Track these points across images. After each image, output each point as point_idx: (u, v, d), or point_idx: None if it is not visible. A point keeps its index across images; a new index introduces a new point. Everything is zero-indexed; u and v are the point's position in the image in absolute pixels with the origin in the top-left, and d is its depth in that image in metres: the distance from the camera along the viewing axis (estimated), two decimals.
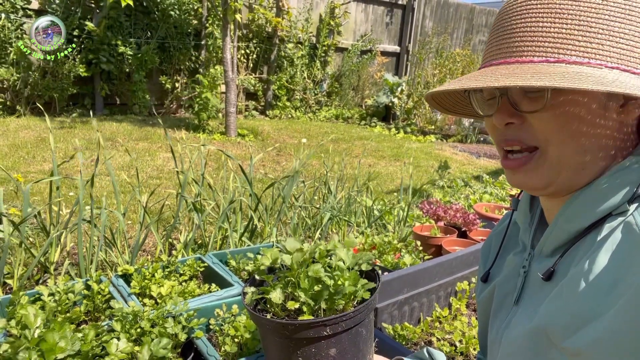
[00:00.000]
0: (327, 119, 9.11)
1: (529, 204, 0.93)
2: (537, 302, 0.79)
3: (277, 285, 1.04)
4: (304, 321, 0.93)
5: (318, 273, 1.01)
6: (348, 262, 1.07)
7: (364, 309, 0.97)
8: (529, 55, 0.68)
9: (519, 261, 0.90)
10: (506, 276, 0.93)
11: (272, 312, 1.04)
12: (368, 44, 9.88)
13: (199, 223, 2.49)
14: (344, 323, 0.94)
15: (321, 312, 0.99)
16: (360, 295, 1.00)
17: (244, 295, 1.08)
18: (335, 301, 1.00)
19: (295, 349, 0.94)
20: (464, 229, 2.93)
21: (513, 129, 0.73)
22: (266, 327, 0.98)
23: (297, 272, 1.05)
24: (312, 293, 1.00)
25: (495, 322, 0.92)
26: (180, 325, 1.46)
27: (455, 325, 1.78)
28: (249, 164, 3.03)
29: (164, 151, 5.23)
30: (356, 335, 0.98)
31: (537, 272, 0.80)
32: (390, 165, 5.75)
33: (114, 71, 7.04)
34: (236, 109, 6.66)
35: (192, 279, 1.95)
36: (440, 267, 1.94)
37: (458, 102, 0.95)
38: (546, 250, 0.82)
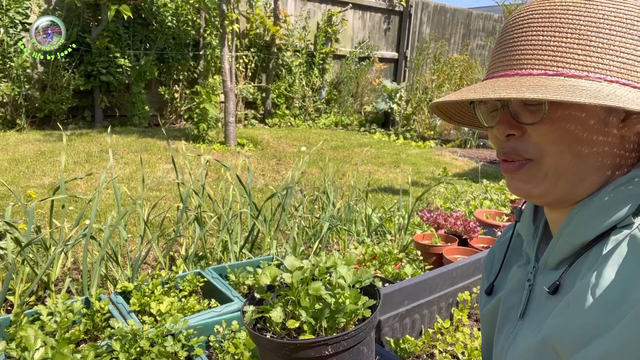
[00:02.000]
0: (327, 126, 9.13)
1: (532, 215, 0.92)
2: (542, 316, 0.79)
3: (277, 304, 1.04)
4: (306, 341, 0.92)
5: (319, 291, 1.01)
6: (349, 280, 1.06)
7: (365, 327, 0.97)
8: (528, 67, 0.69)
9: (523, 274, 0.89)
10: (511, 289, 0.92)
11: (272, 331, 1.04)
12: (366, 50, 9.91)
13: (200, 235, 2.49)
14: (345, 342, 0.93)
15: (322, 330, 0.99)
16: (361, 313, 1.00)
17: (243, 314, 1.07)
18: (336, 319, 1.00)
19: None
20: (464, 236, 2.92)
21: (512, 141, 0.74)
22: (266, 346, 0.97)
23: (297, 290, 1.04)
24: (313, 311, 1.00)
25: (501, 336, 0.91)
26: (179, 343, 1.46)
27: (457, 337, 1.77)
28: (247, 174, 3.04)
29: (164, 162, 5.24)
30: (357, 354, 0.97)
31: (543, 286, 0.80)
32: (390, 172, 5.75)
33: (113, 83, 7.07)
34: (235, 119, 6.67)
35: (191, 294, 1.95)
36: (441, 277, 1.93)
37: (463, 112, 0.95)
38: (551, 263, 0.81)
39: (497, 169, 6.49)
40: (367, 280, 1.09)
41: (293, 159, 5.78)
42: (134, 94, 7.24)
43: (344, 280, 1.07)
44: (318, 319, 0.99)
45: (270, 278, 1.09)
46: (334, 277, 1.08)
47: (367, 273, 1.10)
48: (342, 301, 1.02)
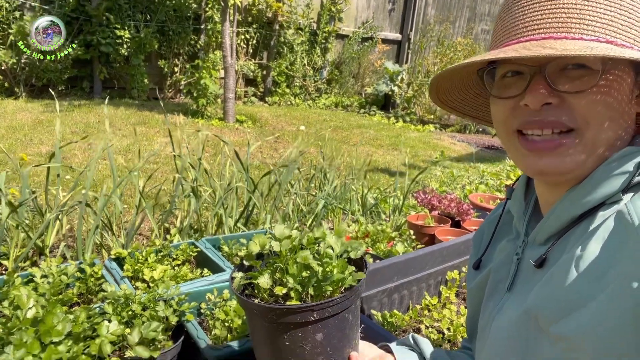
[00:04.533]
0: (326, 106, 9.09)
1: (524, 192, 0.93)
2: (528, 288, 0.81)
3: (265, 271, 1.06)
4: (292, 306, 0.94)
5: (307, 259, 1.03)
6: (337, 250, 1.08)
7: (351, 295, 0.99)
8: (577, 32, 0.68)
9: (512, 248, 0.91)
10: (499, 263, 0.94)
11: (260, 298, 1.06)
12: (369, 31, 9.80)
13: (196, 208, 2.51)
14: (330, 309, 0.95)
15: (309, 298, 1.01)
16: (347, 282, 1.02)
17: (232, 280, 1.09)
18: (322, 287, 1.02)
19: (282, 334, 0.96)
20: (457, 218, 2.95)
21: (550, 110, 0.71)
22: (253, 311, 0.99)
23: (285, 258, 1.06)
24: (300, 279, 1.02)
25: (487, 308, 0.93)
26: (171, 308, 1.48)
27: (444, 314, 1.80)
28: (247, 150, 3.04)
29: (162, 136, 5.23)
30: (343, 321, 0.99)
31: (530, 260, 0.81)
32: (387, 154, 5.76)
33: (113, 54, 7.00)
34: (235, 95, 6.64)
35: (184, 263, 1.97)
36: (431, 255, 1.95)
37: (466, 100, 0.95)
38: (540, 238, 0.83)
39: (495, 154, 6.50)
40: (355, 250, 1.11)
41: (291, 137, 5.77)
42: (133, 66, 7.18)
43: (332, 250, 1.09)
44: (305, 286, 1.01)
45: (260, 246, 1.11)
46: (322, 247, 1.09)
47: (355, 243, 1.11)
48: (330, 270, 1.04)
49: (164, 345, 1.49)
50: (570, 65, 0.69)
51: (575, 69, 0.69)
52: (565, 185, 0.78)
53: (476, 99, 0.96)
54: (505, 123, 0.79)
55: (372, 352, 1.10)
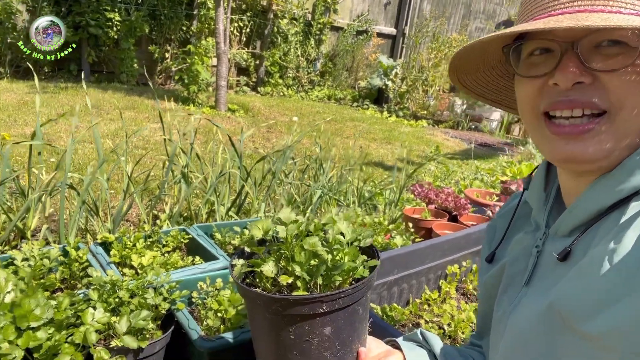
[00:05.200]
0: (319, 99, 8.99)
1: (543, 183, 0.88)
2: (550, 283, 0.75)
3: (270, 259, 0.98)
4: (300, 297, 0.86)
5: (315, 246, 0.94)
6: (348, 237, 1.00)
7: (363, 286, 0.91)
8: (615, 6, 0.64)
9: (531, 241, 0.86)
10: (516, 256, 0.89)
11: (262, 287, 0.98)
12: (364, 24, 9.71)
13: (186, 194, 2.41)
14: (341, 300, 0.87)
15: (317, 288, 0.93)
16: (359, 273, 0.94)
17: (232, 268, 1.00)
18: (332, 277, 0.94)
19: (287, 327, 0.88)
20: (454, 213, 2.89)
21: (582, 90, 0.66)
22: (256, 302, 0.91)
23: (291, 244, 0.98)
24: (308, 268, 0.93)
25: (503, 302, 0.88)
26: (161, 296, 1.39)
27: (445, 309, 1.74)
28: (239, 138, 2.94)
29: (151, 121, 5.10)
30: (353, 314, 0.92)
31: (553, 252, 0.76)
32: (381, 148, 5.69)
33: (102, 37, 6.82)
34: (227, 83, 6.51)
35: (175, 250, 1.88)
36: (432, 249, 1.89)
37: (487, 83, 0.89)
38: (563, 230, 0.78)
39: (488, 151, 6.48)
40: (366, 239, 1.03)
41: (284, 127, 5.68)
42: (123, 50, 7.00)
43: (342, 236, 1.01)
44: (313, 275, 0.93)
45: (263, 231, 1.02)
46: (331, 234, 1.01)
47: (366, 231, 1.04)
48: (340, 258, 0.96)
49: (152, 335, 1.40)
50: (605, 41, 0.65)
51: (610, 45, 0.65)
52: (590, 175, 0.73)
53: (497, 81, 0.91)
54: (531, 105, 0.73)
55: (379, 348, 1.04)
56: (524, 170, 3.77)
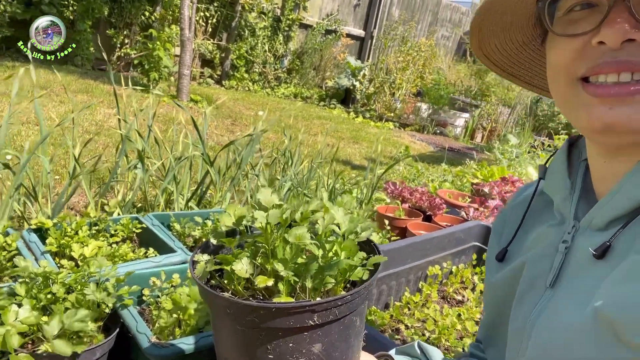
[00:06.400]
0: (286, 96, 8.78)
1: (567, 170, 0.76)
2: (588, 284, 0.64)
3: (243, 254, 0.77)
4: (285, 305, 0.65)
5: (302, 239, 0.75)
6: (345, 228, 0.81)
7: (364, 291, 0.72)
8: None
9: (556, 236, 0.73)
10: (538, 253, 0.76)
11: (232, 291, 0.77)
12: (333, 24, 9.59)
13: (142, 182, 2.16)
14: (337, 310, 0.67)
15: (306, 293, 0.74)
16: (357, 274, 0.75)
17: (194, 265, 0.79)
18: (323, 280, 0.74)
19: (265, 344, 0.67)
20: (428, 213, 2.78)
21: (632, 49, 0.57)
22: (225, 310, 0.69)
23: (272, 236, 0.78)
24: (295, 266, 0.74)
25: (521, 309, 0.75)
26: (104, 293, 1.17)
27: (427, 313, 1.59)
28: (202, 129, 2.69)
29: (106, 107, 4.75)
30: (349, 327, 0.72)
31: (588, 248, 0.64)
32: (348, 147, 5.56)
33: (56, 16, 6.35)
34: (190, 74, 6.20)
35: (125, 241, 1.64)
36: (413, 248, 1.74)
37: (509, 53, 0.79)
38: (598, 223, 0.66)
39: (454, 156, 6.47)
40: (365, 231, 0.84)
41: (250, 121, 5.44)
42: (78, 31, 6.56)
43: (337, 227, 0.82)
44: (301, 276, 0.73)
45: (235, 218, 0.82)
46: (320, 225, 0.82)
47: (365, 222, 0.85)
48: (335, 254, 0.77)
49: (92, 338, 1.17)
50: None
51: None
52: (631, 154, 0.62)
53: (521, 52, 0.80)
54: (567, 70, 0.63)
55: None
56: (496, 173, 3.72)
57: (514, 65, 0.82)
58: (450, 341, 1.50)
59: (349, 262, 0.73)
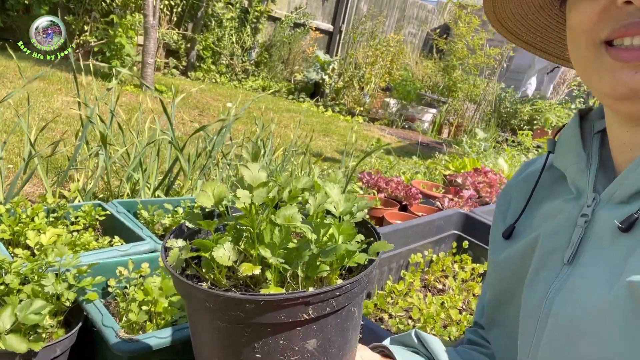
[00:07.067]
0: (254, 89, 8.62)
1: (581, 142, 0.72)
2: (612, 259, 0.60)
3: (224, 238, 0.68)
4: (274, 297, 0.56)
5: (293, 220, 0.65)
6: (341, 208, 0.72)
7: (364, 280, 0.64)
8: None
9: (573, 210, 0.69)
10: (553, 229, 0.71)
11: (211, 281, 0.67)
12: (302, 17, 9.48)
13: (105, 166, 2.01)
14: (335, 301, 0.59)
15: (298, 283, 0.65)
16: (355, 259, 0.66)
17: (167, 252, 0.69)
18: (318, 267, 0.65)
19: (252, 342, 0.57)
20: (404, 202, 2.74)
21: None
22: (204, 304, 0.58)
23: (257, 218, 0.68)
24: (284, 252, 0.64)
25: (536, 286, 0.70)
26: (65, 283, 1.04)
27: (411, 302, 1.53)
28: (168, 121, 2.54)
29: (64, 94, 4.49)
30: (347, 319, 0.64)
31: (614, 220, 0.60)
32: (319, 140, 5.49)
33: (10, 0, 5.99)
34: (154, 63, 5.97)
35: (87, 229, 1.51)
36: (395, 235, 1.68)
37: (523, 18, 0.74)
38: (621, 195, 0.63)
39: (424, 150, 6.50)
40: (362, 210, 0.76)
41: (217, 112, 5.28)
42: (34, 17, 6.19)
43: (333, 207, 0.73)
44: (292, 263, 0.64)
45: (215, 198, 0.71)
46: (312, 204, 0.73)
47: (363, 200, 0.77)
48: (331, 238, 0.69)
49: (51, 334, 1.05)
50: None
51: None
52: None
53: (537, 16, 0.76)
54: (589, 32, 0.60)
55: (372, 358, 0.79)
56: (468, 164, 3.73)
57: (529, 32, 0.78)
58: (436, 329, 1.45)
59: (347, 246, 0.64)
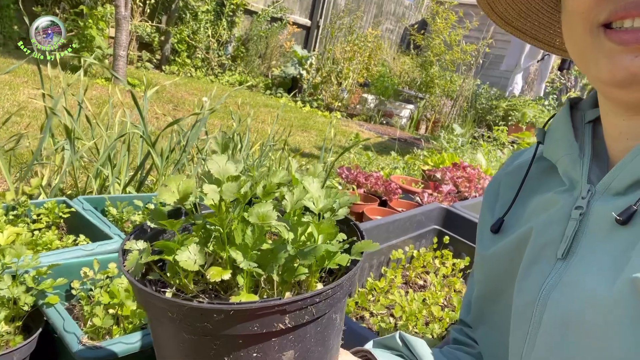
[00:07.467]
0: (230, 84, 8.48)
1: (572, 132, 0.70)
2: (610, 254, 0.57)
3: (190, 239, 0.61)
4: (246, 305, 0.49)
5: (267, 219, 0.59)
6: (321, 204, 0.66)
7: (347, 283, 0.58)
8: None
9: (567, 201, 0.66)
10: (545, 221, 0.68)
11: (177, 287, 0.60)
12: (279, 11, 9.37)
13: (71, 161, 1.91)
14: (314, 308, 0.53)
15: (274, 287, 0.59)
16: (336, 261, 0.60)
17: (125, 255, 0.62)
18: (296, 270, 0.59)
19: (221, 354, 0.50)
20: (384, 198, 2.70)
21: None
22: (167, 314, 0.52)
23: (228, 216, 0.62)
24: (257, 254, 0.58)
25: (529, 281, 0.67)
26: (23, 286, 0.96)
27: (393, 299, 1.49)
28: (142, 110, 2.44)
29: (30, 87, 4.31)
30: (328, 327, 0.58)
31: (612, 213, 0.58)
32: (297, 135, 5.43)
33: None
34: (127, 55, 5.79)
35: (51, 227, 1.41)
36: (377, 230, 1.64)
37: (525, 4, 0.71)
38: (617, 186, 0.60)
39: (402, 145, 6.51)
40: (344, 206, 0.70)
41: (192, 106, 5.16)
42: (1, 7, 5.95)
43: (312, 204, 0.67)
44: (265, 267, 0.58)
45: (180, 194, 0.65)
46: (289, 200, 0.67)
47: (344, 195, 0.71)
48: (310, 236, 0.63)
49: (7, 341, 0.97)
50: None
51: None
52: None
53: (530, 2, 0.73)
54: (587, 14, 0.57)
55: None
56: (447, 159, 3.72)
57: (520, 17, 0.75)
58: (418, 327, 1.41)
59: (327, 247, 0.58)
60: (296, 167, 0.76)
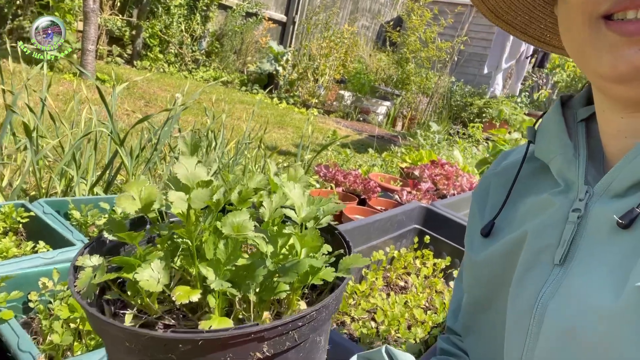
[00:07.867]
0: (205, 80, 8.31)
1: (565, 131, 0.66)
2: (611, 259, 0.55)
3: (153, 254, 0.54)
4: (218, 334, 0.43)
5: (243, 229, 0.53)
6: (304, 213, 0.61)
7: (333, 303, 0.52)
8: None
9: (563, 204, 0.62)
10: (541, 225, 0.64)
11: (138, 307, 0.53)
12: (254, 6, 9.23)
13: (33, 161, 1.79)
14: (296, 333, 0.47)
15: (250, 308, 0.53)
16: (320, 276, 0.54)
17: (76, 272, 0.55)
18: (276, 287, 0.53)
19: None
20: (363, 196, 2.66)
21: None
22: (124, 343, 0.45)
23: (197, 227, 0.55)
24: (231, 271, 0.52)
25: (524, 288, 0.64)
26: None
27: (374, 302, 1.44)
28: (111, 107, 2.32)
29: None
30: (311, 351, 0.52)
31: (613, 216, 0.55)
32: (274, 132, 5.34)
33: None
34: (96, 49, 5.59)
35: (7, 234, 1.31)
36: (358, 231, 1.58)
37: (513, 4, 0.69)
38: (616, 188, 0.57)
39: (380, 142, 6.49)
40: (327, 215, 0.65)
41: (165, 103, 5.02)
42: None
43: (293, 212, 0.61)
44: (240, 286, 0.51)
45: (142, 202, 0.57)
46: (267, 208, 0.60)
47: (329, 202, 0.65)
48: (291, 249, 0.57)
49: None
50: None
51: None
52: None
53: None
54: (586, 5, 0.54)
55: None
56: (425, 157, 3.70)
57: (510, 11, 0.71)
58: (401, 332, 1.37)
59: (312, 262, 0.52)
60: (275, 170, 0.69)
